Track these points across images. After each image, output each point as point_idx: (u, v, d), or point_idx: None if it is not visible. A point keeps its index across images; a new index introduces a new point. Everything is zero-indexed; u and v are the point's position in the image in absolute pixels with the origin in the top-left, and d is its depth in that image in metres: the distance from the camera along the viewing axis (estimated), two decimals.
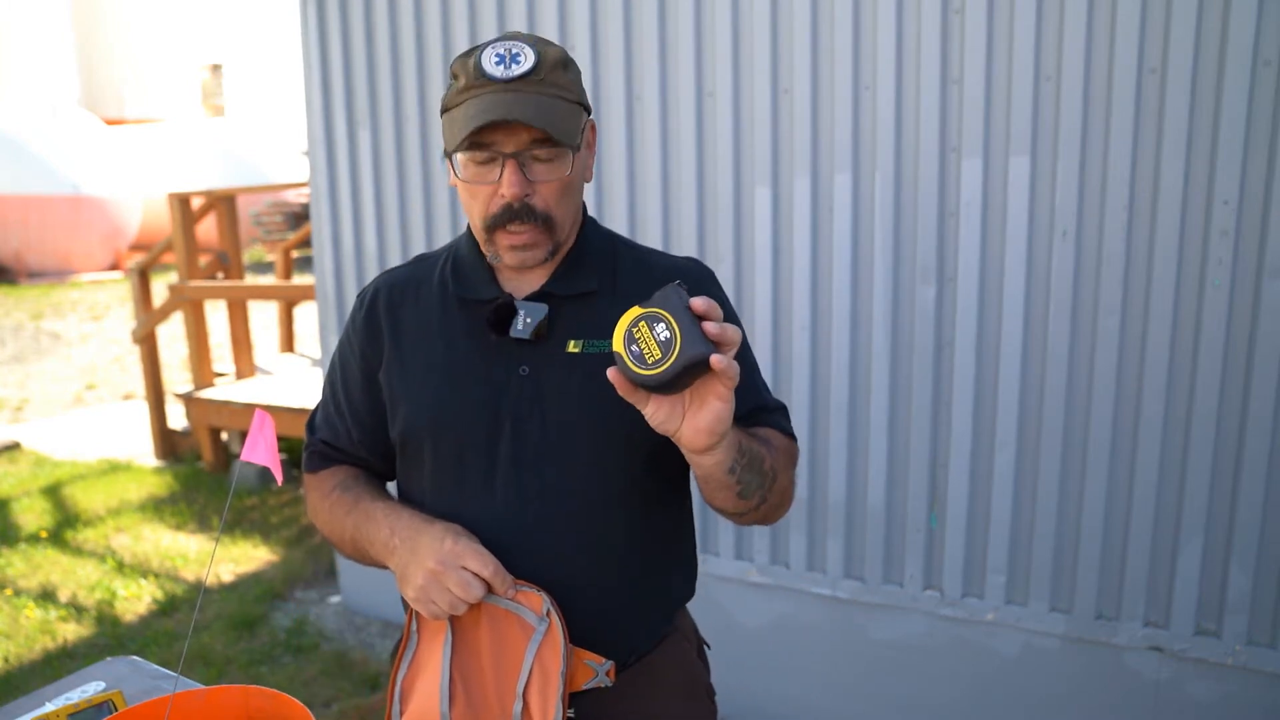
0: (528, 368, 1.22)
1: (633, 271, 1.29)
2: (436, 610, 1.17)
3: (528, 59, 1.14)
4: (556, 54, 1.18)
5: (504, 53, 1.15)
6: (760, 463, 1.14)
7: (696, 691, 1.39)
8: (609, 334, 1.17)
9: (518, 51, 1.15)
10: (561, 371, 1.21)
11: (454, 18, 2.92)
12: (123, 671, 1.54)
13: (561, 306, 1.23)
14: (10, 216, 12.55)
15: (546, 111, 1.14)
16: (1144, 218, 2.19)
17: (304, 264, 10.20)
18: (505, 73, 1.14)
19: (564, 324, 1.23)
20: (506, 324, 1.21)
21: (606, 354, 1.17)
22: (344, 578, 3.73)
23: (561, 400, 1.21)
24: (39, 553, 4.33)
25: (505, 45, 1.16)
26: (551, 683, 1.15)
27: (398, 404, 1.28)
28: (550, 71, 1.16)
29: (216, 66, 19.90)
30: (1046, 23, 2.20)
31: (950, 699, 2.61)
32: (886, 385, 2.51)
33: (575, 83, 1.20)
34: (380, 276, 1.36)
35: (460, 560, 1.15)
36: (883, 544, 2.60)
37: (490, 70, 1.14)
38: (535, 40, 1.18)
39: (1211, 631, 2.30)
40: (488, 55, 1.15)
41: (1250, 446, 2.18)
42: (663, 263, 1.32)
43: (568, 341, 1.22)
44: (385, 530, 1.24)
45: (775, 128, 2.52)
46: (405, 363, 1.27)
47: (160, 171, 14.02)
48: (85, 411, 6.96)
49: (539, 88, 1.15)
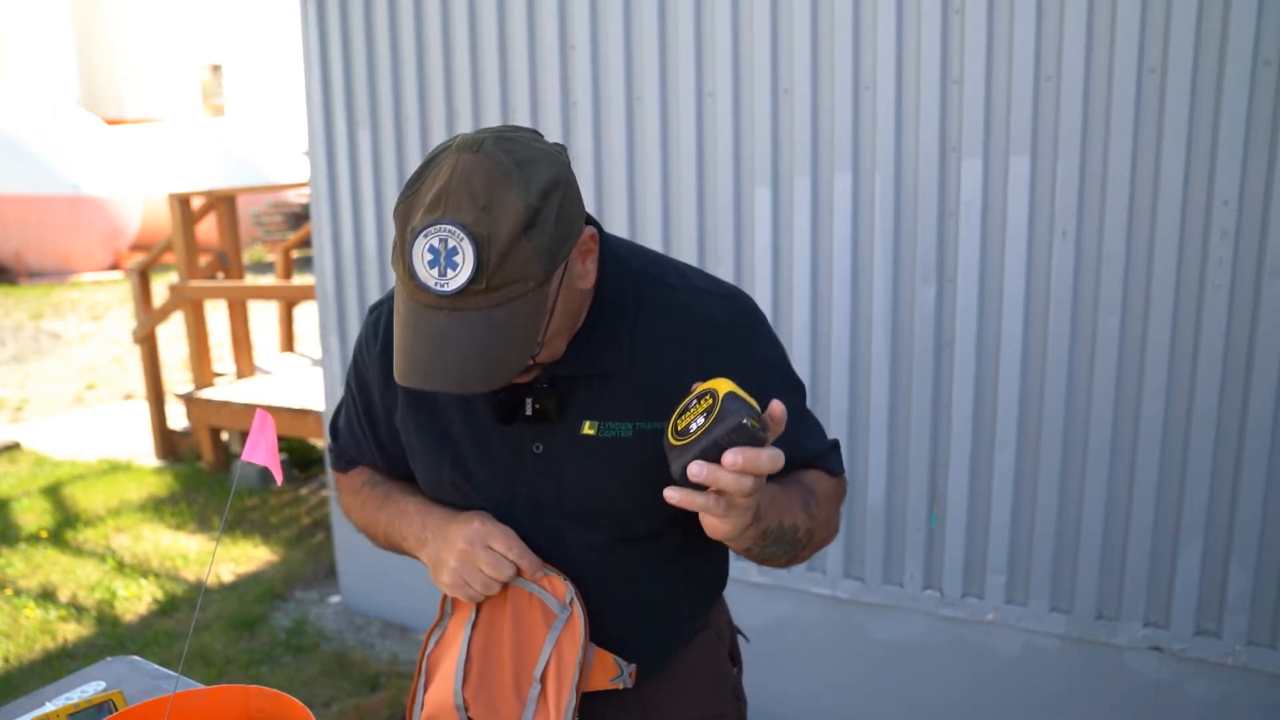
0: (542, 445, 1.17)
1: (658, 336, 1.15)
2: (472, 593, 1.17)
3: (465, 263, 0.93)
4: (511, 227, 0.94)
5: (437, 247, 0.94)
6: (792, 534, 1.09)
7: (721, 693, 1.37)
8: (624, 416, 1.14)
9: (454, 247, 0.93)
10: (577, 452, 1.16)
11: (454, 18, 2.92)
12: (123, 671, 1.54)
13: (574, 386, 1.15)
14: (10, 216, 12.55)
15: (480, 363, 0.96)
16: (1144, 218, 2.19)
17: (304, 264, 10.20)
18: (440, 284, 0.94)
19: (578, 403, 1.15)
20: (514, 413, 1.16)
21: (626, 438, 1.14)
22: (344, 578, 3.73)
23: (579, 481, 1.18)
24: (39, 553, 4.33)
25: (439, 234, 0.94)
26: (567, 672, 1.16)
27: (415, 462, 1.27)
28: (497, 270, 0.94)
29: (216, 66, 19.89)
30: (1046, 23, 2.20)
31: (950, 699, 2.61)
32: (886, 385, 2.51)
33: (543, 248, 0.97)
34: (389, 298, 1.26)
35: (487, 539, 1.15)
36: (883, 544, 2.60)
37: (423, 277, 0.95)
38: (478, 205, 0.94)
39: (1211, 631, 2.30)
40: (419, 251, 0.95)
41: (1250, 446, 2.18)
42: (693, 311, 1.16)
43: (583, 422, 1.15)
44: (418, 524, 1.24)
45: (775, 128, 2.52)
46: (420, 425, 1.23)
47: (160, 171, 14.01)
48: (85, 411, 6.96)
49: (480, 300, 0.95)
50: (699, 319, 1.16)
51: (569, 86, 2.77)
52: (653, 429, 1.14)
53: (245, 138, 15.56)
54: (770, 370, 1.20)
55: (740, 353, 1.16)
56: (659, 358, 1.14)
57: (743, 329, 1.19)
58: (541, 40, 2.78)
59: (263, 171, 14.68)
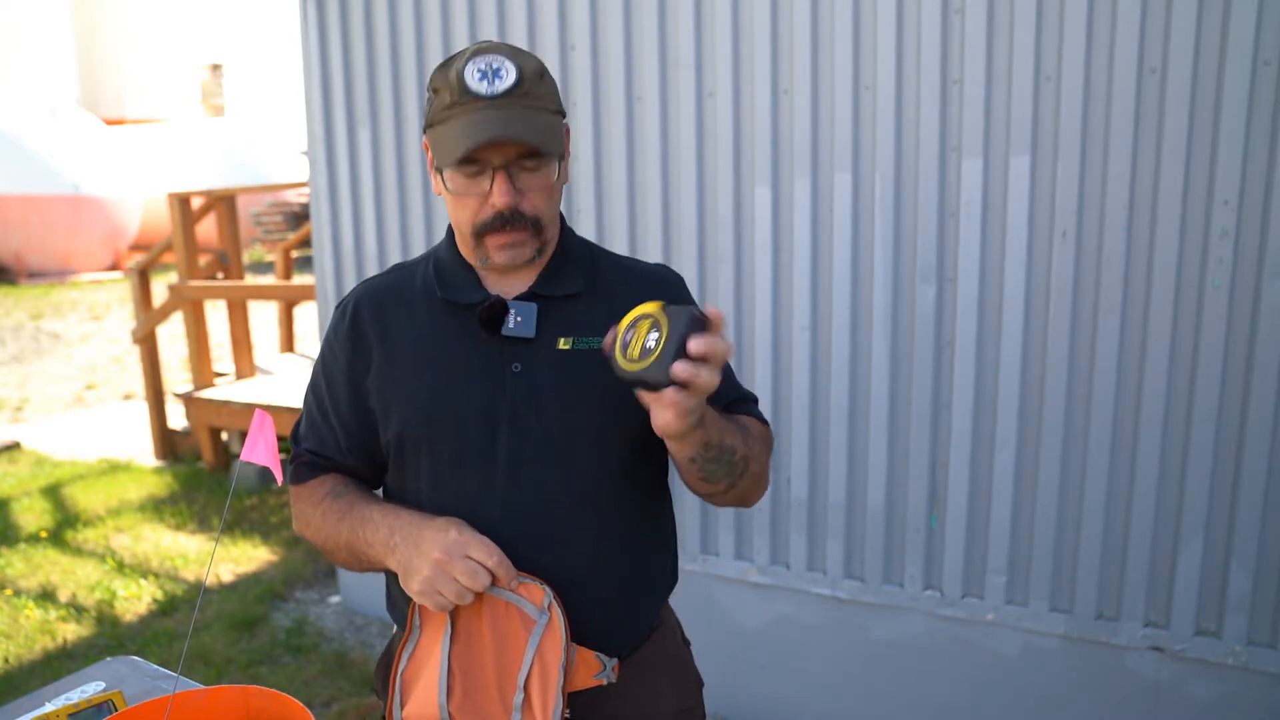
0: (520, 365, 1.24)
1: (612, 275, 1.34)
2: (443, 602, 1.17)
3: (509, 74, 1.17)
4: (535, 66, 1.20)
5: (485, 68, 1.17)
6: (731, 454, 1.20)
7: (686, 681, 1.43)
8: (596, 331, 1.25)
9: (499, 66, 1.17)
10: (554, 368, 1.24)
11: (454, 18, 2.92)
12: (123, 671, 1.54)
13: (549, 307, 1.27)
14: (10, 216, 12.55)
15: (534, 127, 1.18)
16: (1144, 218, 2.19)
17: (304, 264, 10.20)
18: (490, 89, 1.16)
19: (551, 323, 1.26)
20: (498, 323, 1.23)
21: (595, 350, 1.22)
22: (344, 578, 3.73)
23: (558, 395, 1.24)
24: (39, 553, 4.33)
25: (485, 60, 1.17)
26: (551, 676, 1.16)
27: (390, 408, 1.28)
28: (532, 85, 1.19)
29: (216, 66, 19.90)
30: (1046, 23, 2.20)
31: (950, 699, 2.61)
32: (886, 385, 2.51)
33: (553, 91, 1.23)
34: (358, 287, 1.38)
35: (465, 549, 1.15)
36: (883, 544, 2.60)
37: (474, 87, 1.17)
38: (512, 52, 1.20)
39: (1211, 631, 2.30)
40: (470, 71, 1.17)
41: (1250, 446, 2.18)
42: (638, 268, 1.38)
43: (557, 339, 1.25)
44: (384, 531, 1.23)
45: (775, 128, 2.52)
46: (396, 367, 1.28)
47: (160, 171, 14.02)
48: (85, 411, 6.96)
49: (524, 101, 1.18)
50: (643, 268, 1.39)
51: (569, 86, 2.77)
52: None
53: (245, 138, 15.56)
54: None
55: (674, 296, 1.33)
56: (614, 290, 1.31)
57: (675, 283, 1.38)
58: (541, 40, 2.78)
59: (263, 171, 14.68)
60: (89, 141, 13.46)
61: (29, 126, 13.03)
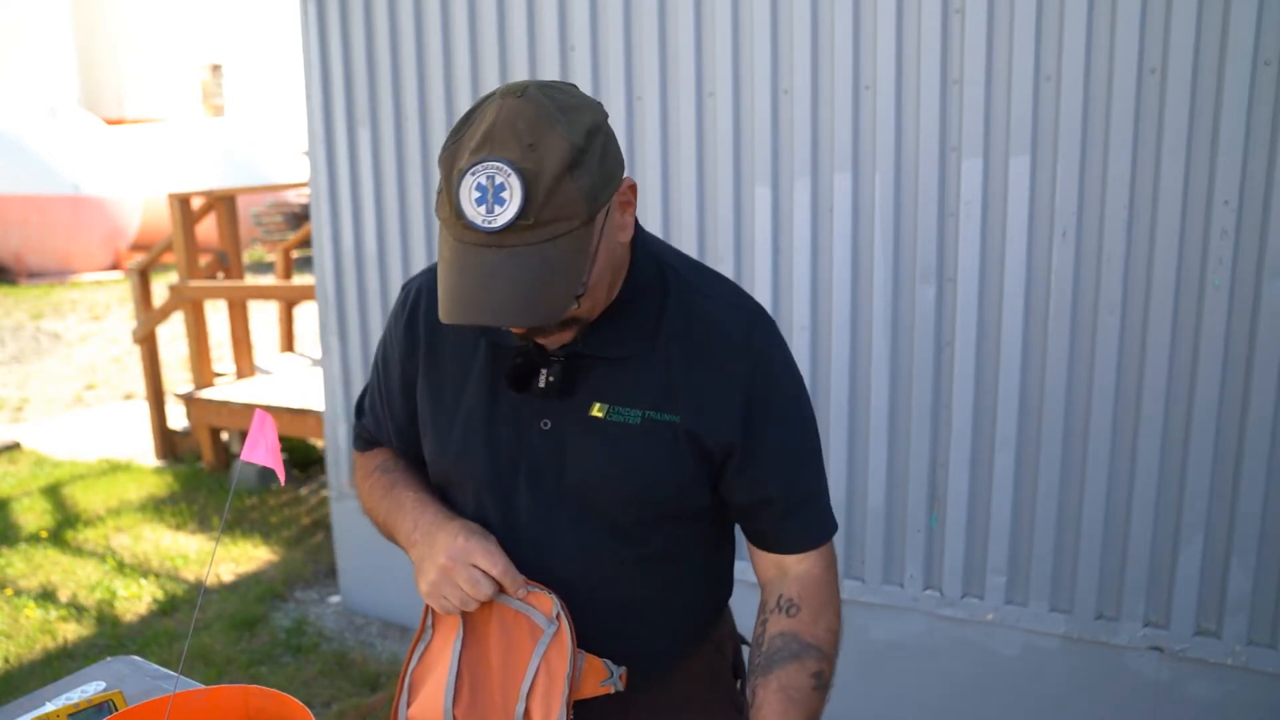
0: (550, 422, 1.17)
1: (673, 334, 1.16)
2: (448, 606, 1.17)
3: (513, 198, 0.95)
4: (557, 165, 0.96)
5: (486, 185, 0.96)
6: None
7: (720, 707, 1.36)
8: (638, 402, 1.15)
9: (501, 184, 0.96)
10: (585, 434, 1.16)
11: (454, 18, 2.92)
12: (123, 671, 1.54)
13: (591, 366, 1.16)
14: (10, 216, 12.54)
15: (529, 296, 0.97)
16: (1144, 218, 2.19)
17: (304, 264, 10.20)
18: (487, 219, 0.96)
19: (591, 382, 1.15)
20: (528, 381, 1.16)
21: (633, 425, 1.14)
22: (344, 578, 3.73)
23: (582, 462, 1.17)
24: (39, 553, 4.33)
25: (488, 171, 0.96)
26: (556, 686, 1.15)
27: (426, 433, 1.28)
28: (545, 205, 0.96)
29: (216, 66, 19.89)
30: (1046, 23, 2.20)
31: (950, 699, 2.61)
32: (886, 385, 2.51)
33: (587, 186, 0.99)
34: (425, 273, 1.29)
35: (470, 557, 1.15)
36: (883, 544, 2.60)
37: (469, 214, 0.97)
38: (522, 151, 0.96)
39: (1211, 631, 2.30)
40: (466, 189, 0.97)
41: (1250, 446, 2.18)
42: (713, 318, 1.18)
43: (593, 404, 1.15)
44: (409, 523, 1.24)
45: (775, 128, 2.52)
46: (435, 397, 1.25)
47: (160, 171, 14.01)
48: (85, 411, 6.96)
49: (530, 236, 0.97)
50: (716, 329, 1.17)
51: None
52: (662, 421, 1.15)
53: (245, 138, 15.55)
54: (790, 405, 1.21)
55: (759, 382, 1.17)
56: (673, 355, 1.15)
57: (760, 357, 1.18)
58: (541, 40, 2.78)
59: (263, 171, 14.68)
60: (89, 141, 13.45)
61: (29, 126, 13.03)
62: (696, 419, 1.15)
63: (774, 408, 1.18)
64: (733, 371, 1.16)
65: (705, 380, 1.15)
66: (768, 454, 1.18)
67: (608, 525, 1.20)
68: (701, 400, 1.15)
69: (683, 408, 1.15)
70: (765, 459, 1.18)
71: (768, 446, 1.17)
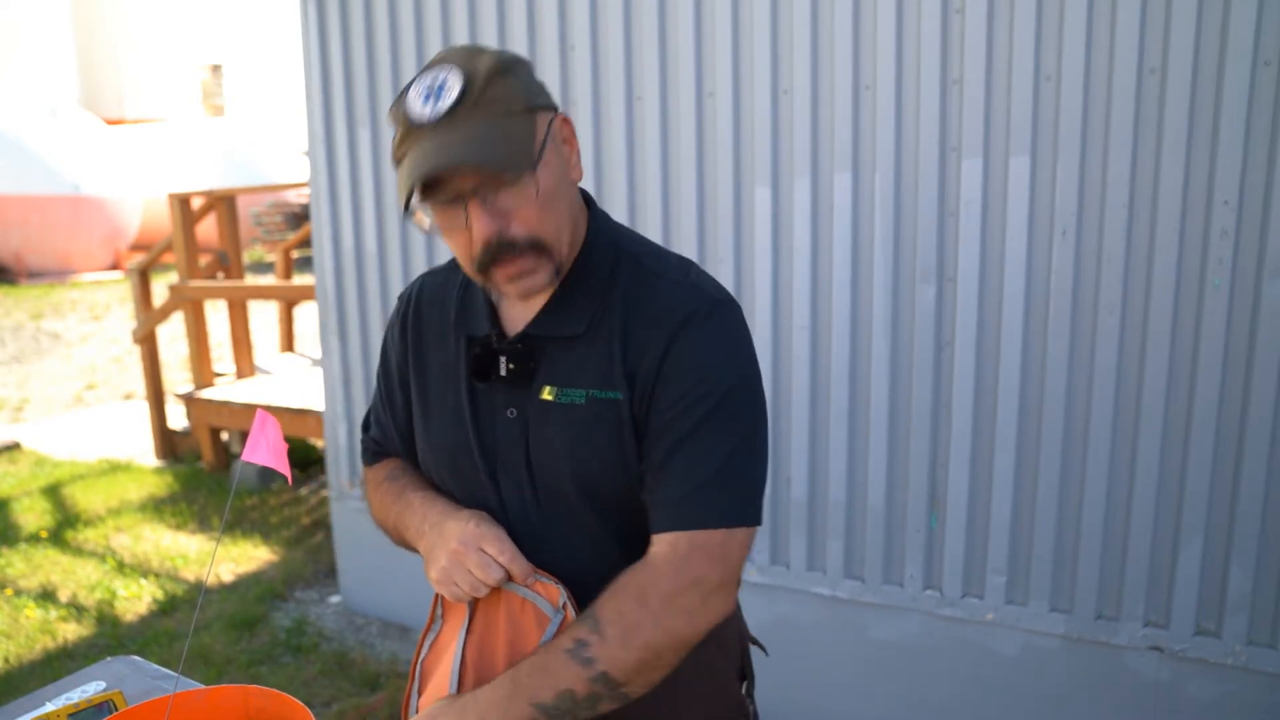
0: (515, 410, 1.19)
1: (616, 311, 1.16)
2: (458, 591, 1.18)
3: (454, 86, 1.04)
4: (490, 65, 1.06)
5: (429, 86, 1.05)
6: (568, 700, 1.07)
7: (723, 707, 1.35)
8: (583, 382, 1.15)
9: (444, 79, 1.05)
10: (540, 418, 1.18)
11: (454, 18, 2.92)
12: (123, 671, 1.54)
13: (544, 348, 1.18)
14: (10, 216, 12.55)
15: (484, 143, 1.04)
16: (1144, 218, 2.19)
17: (304, 264, 10.20)
18: (433, 111, 1.04)
19: (544, 366, 1.18)
20: (488, 370, 1.19)
21: (579, 405, 1.15)
22: (344, 578, 3.73)
23: (542, 447, 1.18)
24: (39, 553, 4.33)
25: (431, 75, 1.06)
26: None
27: (417, 435, 1.31)
28: (484, 90, 1.05)
29: (216, 66, 19.89)
30: (1046, 23, 2.20)
31: (950, 699, 2.61)
32: (886, 385, 2.51)
33: (520, 88, 1.09)
34: (421, 279, 1.34)
35: (480, 542, 1.16)
36: (883, 544, 2.60)
37: (417, 112, 1.05)
38: (465, 57, 1.07)
39: (1211, 631, 2.30)
40: (414, 93, 1.06)
41: (1250, 446, 2.18)
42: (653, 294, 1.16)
43: (544, 387, 1.17)
44: (418, 517, 1.26)
45: (775, 128, 2.52)
46: (422, 397, 1.28)
47: (160, 171, 14.01)
48: (85, 411, 6.96)
49: (474, 115, 1.04)
50: (657, 304, 1.15)
51: (569, 86, 2.78)
52: (605, 398, 1.14)
53: (245, 138, 15.56)
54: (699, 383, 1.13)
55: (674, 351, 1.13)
56: (614, 331, 1.15)
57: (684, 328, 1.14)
58: (541, 40, 2.78)
59: (263, 171, 14.68)
60: (89, 141, 13.45)
61: (29, 126, 13.03)
62: (631, 393, 1.14)
63: (675, 379, 1.12)
64: (654, 340, 1.14)
65: (639, 352, 1.14)
66: (658, 423, 1.14)
67: (580, 511, 1.19)
68: (635, 373, 1.15)
69: (622, 384, 1.14)
70: (655, 427, 1.14)
71: (660, 417, 1.13)
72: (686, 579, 1.09)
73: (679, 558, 1.09)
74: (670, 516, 1.11)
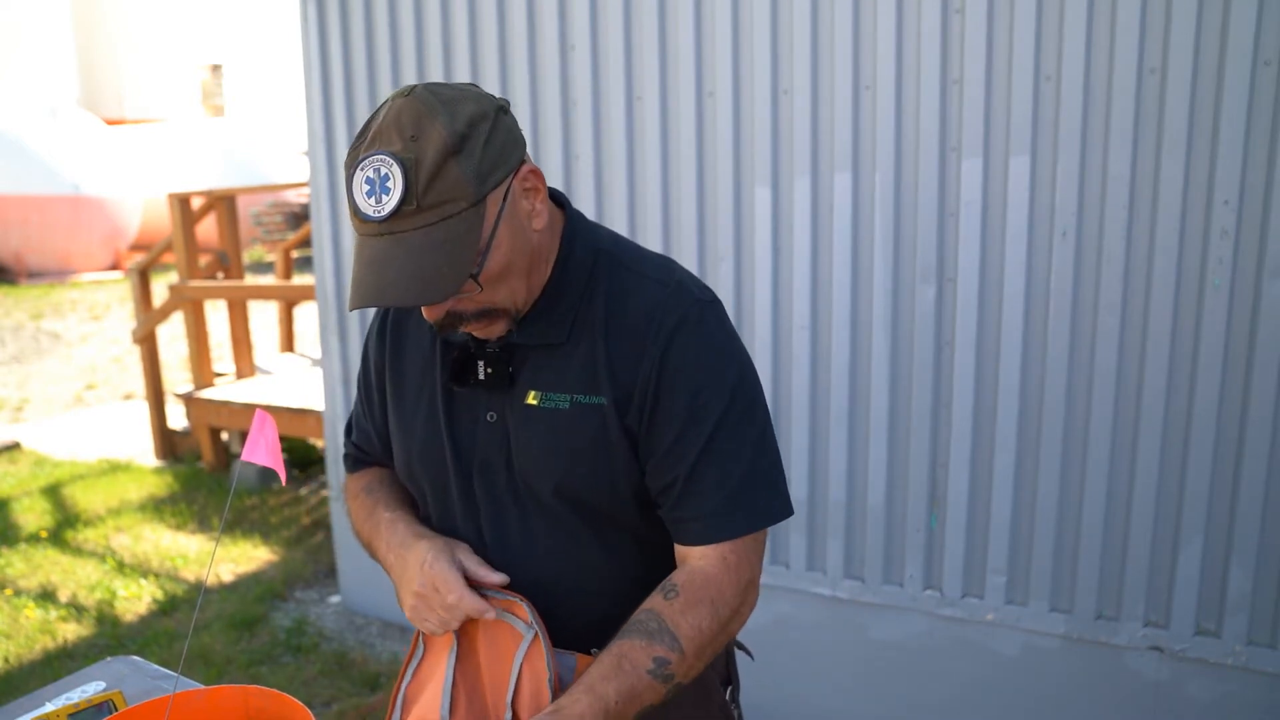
0: (495, 414, 1.20)
1: (598, 316, 1.17)
2: (430, 629, 1.21)
3: (395, 186, 1.00)
4: (437, 148, 1.01)
5: (373, 177, 1.01)
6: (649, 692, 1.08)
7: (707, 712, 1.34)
8: (567, 387, 1.16)
9: (385, 173, 1.01)
10: (523, 422, 1.18)
11: (454, 18, 2.92)
12: (123, 671, 1.54)
13: (527, 356, 1.18)
14: (10, 216, 12.54)
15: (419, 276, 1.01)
16: (1144, 218, 2.19)
17: (304, 264, 10.20)
18: (376, 211, 1.01)
19: (527, 372, 1.18)
20: (465, 374, 1.20)
21: (563, 410, 1.16)
22: (344, 578, 3.73)
23: (524, 451, 1.19)
24: (39, 553, 4.33)
25: (373, 165, 1.01)
26: (542, 691, 1.15)
27: (394, 439, 1.32)
28: (427, 191, 1.00)
29: (216, 66, 19.89)
30: (1046, 23, 2.20)
31: (950, 699, 2.61)
32: (886, 385, 2.51)
33: (471, 171, 1.02)
34: None
35: (434, 583, 1.18)
36: (883, 544, 2.60)
37: (362, 207, 1.03)
38: (405, 142, 1.01)
39: (1211, 631, 2.30)
40: (358, 183, 1.03)
41: (1250, 446, 2.18)
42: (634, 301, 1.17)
43: (528, 392, 1.18)
44: (384, 545, 1.28)
45: (775, 128, 2.52)
46: (398, 402, 1.30)
47: (160, 171, 14.01)
48: (85, 411, 6.96)
49: (415, 220, 1.01)
50: (639, 307, 1.16)
51: (569, 86, 2.77)
52: (589, 403, 1.15)
53: (245, 138, 15.55)
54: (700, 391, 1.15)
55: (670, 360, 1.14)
56: (596, 335, 1.16)
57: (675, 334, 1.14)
58: (541, 40, 2.78)
59: (263, 171, 14.68)
60: (89, 141, 13.45)
61: (29, 126, 13.03)
62: (617, 398, 1.15)
63: (679, 390, 1.14)
64: (646, 349, 1.14)
65: (624, 358, 1.14)
66: (670, 438, 1.14)
67: (559, 513, 1.20)
68: (620, 378, 1.15)
69: (607, 388, 1.15)
70: (666, 442, 1.14)
71: (671, 430, 1.14)
72: (743, 586, 1.17)
73: (731, 568, 1.15)
74: (713, 529, 1.15)
